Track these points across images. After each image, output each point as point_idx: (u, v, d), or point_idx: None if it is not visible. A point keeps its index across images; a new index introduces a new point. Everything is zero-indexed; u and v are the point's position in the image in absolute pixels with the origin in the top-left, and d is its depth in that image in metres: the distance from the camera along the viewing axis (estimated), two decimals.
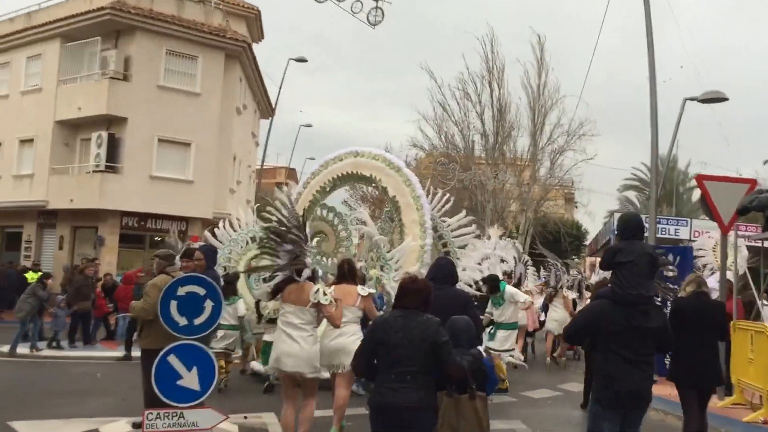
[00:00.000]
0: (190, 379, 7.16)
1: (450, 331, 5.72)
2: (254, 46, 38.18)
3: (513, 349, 14.00)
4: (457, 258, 14.15)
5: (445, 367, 5.31)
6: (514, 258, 17.43)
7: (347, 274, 9.20)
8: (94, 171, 28.45)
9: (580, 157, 38.47)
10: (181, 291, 7.21)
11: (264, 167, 63.55)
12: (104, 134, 28.33)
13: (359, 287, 9.13)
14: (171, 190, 29.31)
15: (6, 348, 16.44)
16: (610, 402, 5.91)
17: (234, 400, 11.34)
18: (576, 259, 47.39)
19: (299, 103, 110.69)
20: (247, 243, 14.58)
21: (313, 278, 8.26)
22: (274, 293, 8.30)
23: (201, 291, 7.27)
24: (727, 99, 19.94)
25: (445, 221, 15.08)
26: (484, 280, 14.18)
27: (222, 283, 11.32)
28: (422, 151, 41.35)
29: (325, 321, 8.34)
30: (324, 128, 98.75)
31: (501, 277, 14.63)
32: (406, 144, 40.47)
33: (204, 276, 7.47)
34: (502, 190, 38.74)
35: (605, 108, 59.90)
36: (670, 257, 14.12)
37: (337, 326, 8.44)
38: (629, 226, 6.35)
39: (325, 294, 8.03)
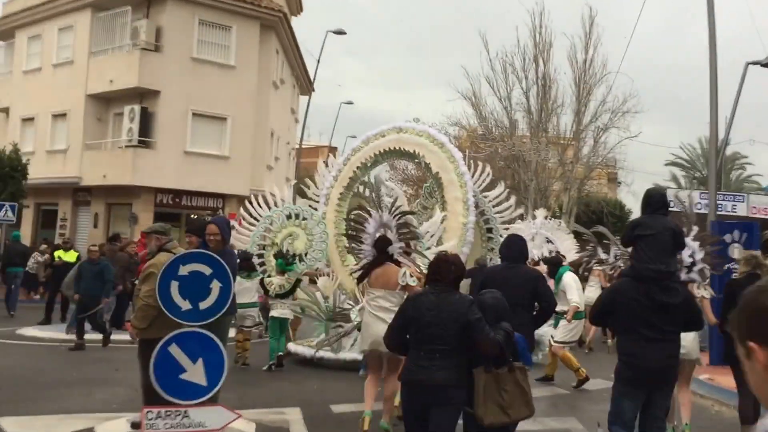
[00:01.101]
0: (195, 373, 6.23)
1: (478, 307, 5.57)
2: (292, 19, 37.24)
3: (574, 342, 12.62)
4: (500, 236, 14.11)
5: (480, 344, 5.27)
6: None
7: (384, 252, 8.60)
8: (126, 146, 27.72)
9: (624, 135, 36.97)
10: (183, 270, 6.20)
11: (305, 146, 63.33)
12: (137, 108, 27.52)
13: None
14: (206, 166, 28.48)
15: (27, 330, 15.71)
16: (631, 380, 5.81)
17: (255, 390, 10.41)
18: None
19: (340, 83, 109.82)
20: (286, 219, 13.97)
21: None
22: (361, 278, 8.53)
23: (206, 270, 6.25)
24: None
25: (486, 197, 14.88)
26: (546, 260, 13.59)
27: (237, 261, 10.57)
28: (463, 129, 40.09)
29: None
30: (366, 108, 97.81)
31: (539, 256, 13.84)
32: (447, 122, 39.18)
33: (209, 252, 6.39)
34: (545, 169, 37.50)
35: (651, 84, 57.54)
36: (736, 234, 13.24)
37: None
38: (652, 200, 6.26)
39: (411, 276, 8.12)
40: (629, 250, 6.69)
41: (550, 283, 11.17)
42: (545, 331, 12.32)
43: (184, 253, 6.40)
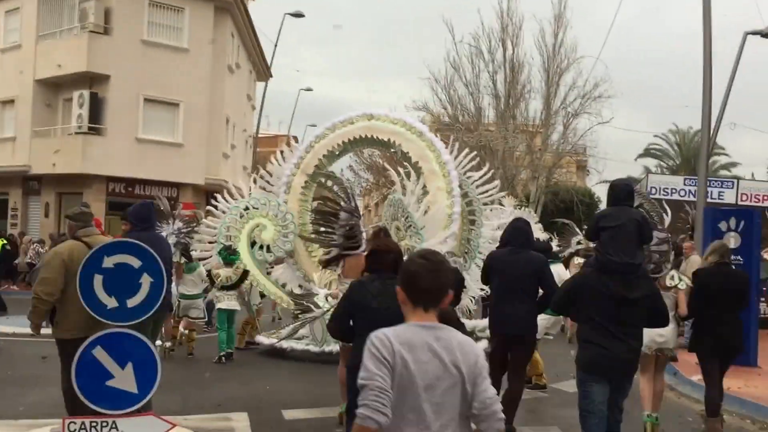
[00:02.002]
0: (124, 379, 5.48)
1: None
2: (249, 3, 36.29)
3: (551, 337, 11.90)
4: (484, 218, 14.09)
5: None
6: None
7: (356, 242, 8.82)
8: (76, 133, 26.72)
9: (595, 121, 36.40)
10: (108, 262, 5.41)
11: (263, 135, 62.30)
12: (86, 93, 26.51)
13: None
14: (159, 153, 27.57)
15: None
16: (592, 369, 5.77)
17: (200, 392, 9.61)
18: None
19: (300, 73, 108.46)
20: (242, 214, 13.65)
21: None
22: (327, 263, 8.55)
23: (135, 262, 5.47)
24: None
25: (470, 177, 14.43)
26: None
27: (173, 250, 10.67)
28: (428, 114, 39.22)
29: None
30: (326, 98, 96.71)
31: None
32: (411, 107, 38.26)
33: (137, 242, 5.54)
34: (512, 157, 36.83)
35: (625, 69, 57.01)
36: (733, 222, 12.52)
37: None
38: (617, 191, 6.22)
39: None
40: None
41: None
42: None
43: (108, 243, 5.56)
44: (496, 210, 15.01)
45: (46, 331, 6.43)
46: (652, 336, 7.46)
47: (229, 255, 12.57)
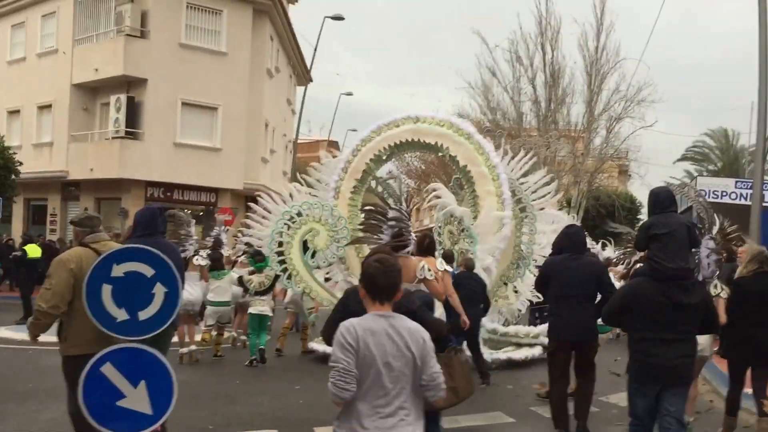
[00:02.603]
0: (136, 399, 4.94)
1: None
2: (289, 8, 36.07)
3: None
4: (539, 223, 13.86)
5: (432, 327, 4.69)
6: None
7: (427, 249, 8.80)
8: (113, 138, 26.47)
9: (638, 125, 35.70)
10: (118, 271, 4.85)
11: (304, 140, 62.17)
12: (123, 97, 26.24)
13: (438, 261, 8.81)
14: (197, 158, 27.21)
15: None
16: (642, 378, 5.76)
17: (228, 407, 9.03)
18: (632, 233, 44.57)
19: (340, 78, 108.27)
20: (293, 218, 13.17)
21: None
22: None
23: (148, 271, 4.91)
24: None
25: (524, 183, 14.17)
26: None
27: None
28: (468, 120, 38.63)
29: None
30: (366, 103, 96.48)
31: None
32: (451, 113, 37.66)
33: (150, 249, 5.01)
34: (554, 161, 36.18)
35: (668, 71, 56.17)
36: None
37: (441, 300, 8.78)
38: (659, 198, 6.16)
39: (429, 269, 8.06)
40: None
41: None
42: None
43: (118, 249, 5.04)
44: (547, 214, 14.57)
45: None
46: None
47: (256, 262, 12.56)
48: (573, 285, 7.37)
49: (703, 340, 7.59)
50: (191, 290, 12.56)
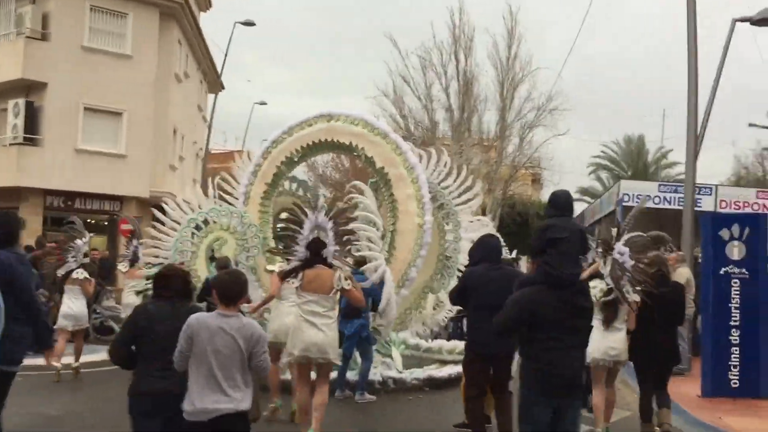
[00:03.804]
0: None
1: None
2: (201, 15, 35.42)
3: None
4: (461, 230, 13.19)
5: None
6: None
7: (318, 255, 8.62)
8: (11, 144, 25.22)
9: (550, 134, 36.52)
10: None
11: (218, 151, 61.07)
12: (21, 102, 25.00)
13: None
14: (101, 165, 26.09)
15: None
16: (549, 390, 5.49)
17: None
18: None
19: (254, 87, 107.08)
20: (198, 226, 12.49)
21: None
22: (285, 276, 8.31)
23: None
24: None
25: (446, 187, 13.41)
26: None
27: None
28: None
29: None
30: (282, 115, 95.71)
31: None
32: None
33: None
34: (468, 169, 36.26)
35: (580, 79, 57.60)
36: (736, 228, 11.09)
37: (363, 306, 9.23)
38: (559, 201, 6.10)
39: (347, 279, 8.07)
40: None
41: None
42: None
43: None
44: (476, 223, 14.10)
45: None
46: (604, 349, 8.01)
47: None
48: (495, 296, 6.91)
49: (618, 345, 8.09)
50: (71, 304, 12.14)
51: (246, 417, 5.11)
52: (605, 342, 8.04)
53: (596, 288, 8.05)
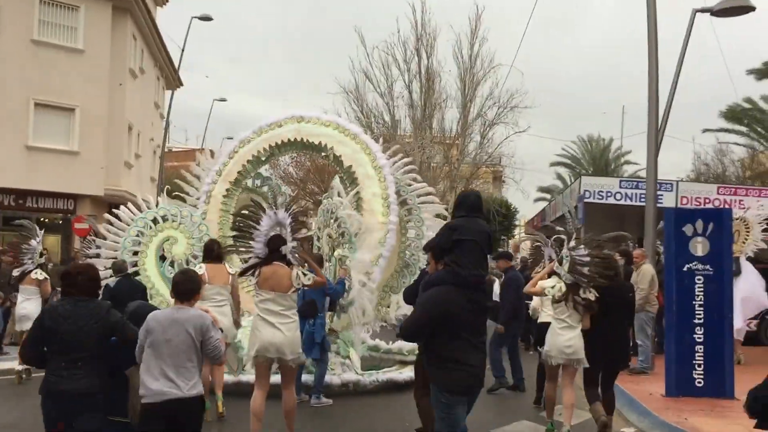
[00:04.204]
0: None
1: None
2: (157, 10, 34.79)
3: None
4: (424, 227, 13.22)
5: (130, 339, 5.58)
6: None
7: (217, 256, 9.77)
8: None
9: (511, 131, 36.15)
10: None
11: (179, 149, 60.36)
12: None
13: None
14: (53, 162, 25.42)
15: None
16: (462, 389, 5.65)
17: None
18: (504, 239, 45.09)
19: (212, 83, 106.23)
20: (154, 223, 12.40)
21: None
22: (242, 273, 8.33)
23: None
24: (753, 9, 14.76)
25: (410, 185, 13.59)
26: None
27: None
28: None
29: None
30: (243, 113, 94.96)
31: None
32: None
33: None
34: (429, 167, 36.15)
35: (542, 78, 57.88)
36: (700, 224, 10.77)
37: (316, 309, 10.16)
38: (468, 201, 6.11)
39: (305, 274, 7.96)
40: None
41: None
42: None
43: None
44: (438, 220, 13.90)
45: None
46: (559, 347, 8.22)
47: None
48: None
49: (574, 343, 8.20)
50: (27, 305, 12.02)
51: (197, 402, 5.51)
52: (560, 339, 8.26)
53: (555, 287, 8.27)
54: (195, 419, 5.54)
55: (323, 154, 13.86)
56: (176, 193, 14.20)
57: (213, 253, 9.71)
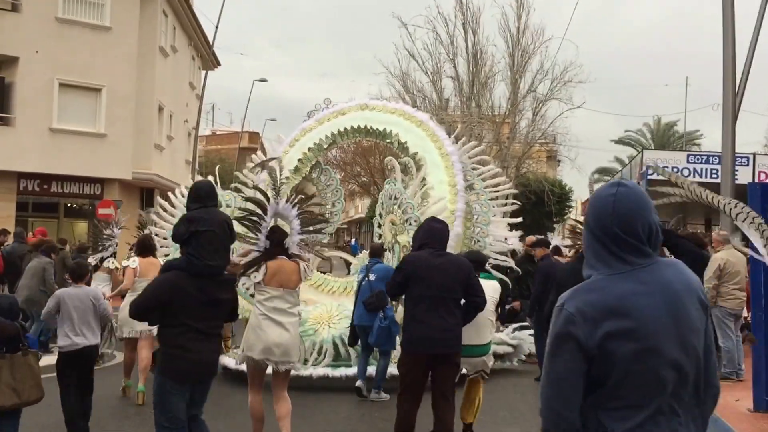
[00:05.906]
0: None
1: None
2: None
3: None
4: (493, 216, 12.70)
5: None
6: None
7: (148, 249, 10.07)
8: None
9: (565, 107, 34.38)
10: None
11: (224, 131, 59.58)
12: None
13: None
14: (79, 145, 24.51)
15: None
16: (181, 375, 5.74)
17: None
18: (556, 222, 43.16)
19: (259, 71, 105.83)
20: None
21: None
22: (246, 268, 7.49)
23: None
24: None
25: (476, 168, 13.11)
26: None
27: None
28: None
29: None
30: (285, 96, 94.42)
31: None
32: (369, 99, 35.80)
33: None
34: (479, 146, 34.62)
35: (595, 55, 55.92)
36: None
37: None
38: (201, 193, 6.22)
39: (308, 268, 7.81)
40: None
41: None
42: (526, 337, 12.07)
43: None
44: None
45: None
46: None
47: None
48: (437, 286, 6.75)
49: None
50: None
51: (97, 348, 7.58)
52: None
53: None
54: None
55: (387, 141, 13.72)
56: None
57: (147, 247, 10.03)
